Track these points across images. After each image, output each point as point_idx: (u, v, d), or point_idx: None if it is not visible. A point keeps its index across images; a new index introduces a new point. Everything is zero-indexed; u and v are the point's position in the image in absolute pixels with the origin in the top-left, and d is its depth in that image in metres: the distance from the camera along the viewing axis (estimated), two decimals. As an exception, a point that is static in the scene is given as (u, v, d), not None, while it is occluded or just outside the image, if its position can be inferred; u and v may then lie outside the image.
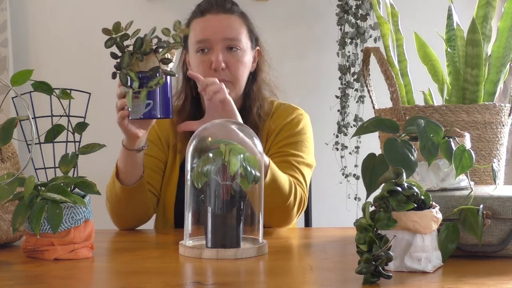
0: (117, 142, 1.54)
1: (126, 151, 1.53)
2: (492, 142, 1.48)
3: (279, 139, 1.73)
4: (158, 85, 1.32)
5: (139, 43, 1.30)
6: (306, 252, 1.42)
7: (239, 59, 1.69)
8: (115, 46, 1.31)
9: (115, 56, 1.32)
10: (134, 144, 1.52)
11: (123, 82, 1.32)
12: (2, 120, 1.34)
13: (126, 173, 1.58)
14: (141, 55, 1.30)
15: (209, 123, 1.35)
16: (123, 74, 1.31)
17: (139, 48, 1.30)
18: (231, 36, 1.69)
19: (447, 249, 1.17)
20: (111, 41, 1.31)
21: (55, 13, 2.72)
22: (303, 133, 1.76)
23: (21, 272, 1.16)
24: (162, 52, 1.32)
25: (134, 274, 1.14)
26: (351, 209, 2.67)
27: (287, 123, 1.76)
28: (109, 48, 1.30)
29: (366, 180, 1.19)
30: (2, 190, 1.20)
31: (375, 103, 1.64)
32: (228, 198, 1.26)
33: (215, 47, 1.67)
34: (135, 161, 1.56)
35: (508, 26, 1.51)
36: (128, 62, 1.30)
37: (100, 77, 2.69)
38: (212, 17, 1.70)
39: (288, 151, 1.70)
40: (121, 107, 1.43)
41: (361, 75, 2.59)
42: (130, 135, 1.49)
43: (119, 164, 1.58)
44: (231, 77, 1.68)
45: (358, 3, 2.60)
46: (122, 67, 1.31)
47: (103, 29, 1.30)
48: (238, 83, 1.70)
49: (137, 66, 1.32)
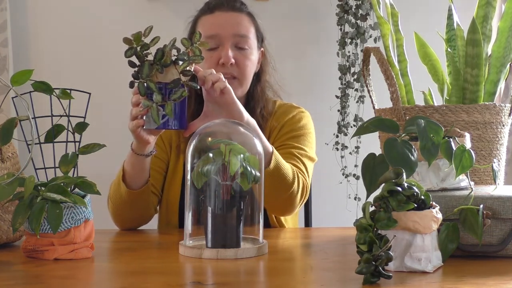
0: (117, 142, 1.54)
1: (134, 155, 1.53)
2: (492, 142, 1.48)
3: (282, 133, 1.74)
4: (181, 98, 1.31)
5: (159, 55, 1.29)
6: (306, 252, 1.42)
7: (248, 57, 1.70)
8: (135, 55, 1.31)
9: (133, 65, 1.31)
10: (144, 149, 1.52)
11: (142, 92, 1.30)
12: (2, 120, 1.34)
13: (133, 176, 1.57)
14: (161, 66, 1.29)
15: (211, 123, 1.35)
16: (141, 84, 1.30)
17: (160, 60, 1.29)
18: (241, 33, 1.69)
19: (447, 249, 1.17)
20: (131, 51, 1.29)
21: (55, 13, 2.72)
22: (305, 128, 1.77)
23: (21, 272, 1.15)
24: (182, 65, 1.31)
25: (134, 274, 1.14)
26: (351, 209, 2.67)
27: (289, 119, 1.77)
28: (129, 57, 1.30)
29: (366, 180, 1.19)
30: (2, 190, 1.20)
31: (375, 103, 1.64)
32: (228, 198, 1.26)
33: (225, 42, 1.67)
34: (143, 166, 1.56)
35: (508, 26, 1.51)
36: (148, 72, 1.29)
37: (100, 77, 2.70)
38: (221, 14, 1.71)
39: (290, 143, 1.71)
40: (135, 116, 1.41)
41: (361, 75, 2.59)
42: (141, 141, 1.48)
43: (126, 168, 1.57)
44: (238, 73, 1.68)
45: (358, 3, 2.60)
46: (142, 78, 1.30)
47: (124, 39, 1.29)
48: (245, 80, 1.70)
49: (155, 77, 1.31)
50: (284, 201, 1.60)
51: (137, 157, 1.53)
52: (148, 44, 1.30)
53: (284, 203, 1.61)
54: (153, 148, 1.54)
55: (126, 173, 1.58)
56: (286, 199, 1.60)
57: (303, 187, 1.62)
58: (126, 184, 1.58)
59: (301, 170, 1.65)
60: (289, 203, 1.61)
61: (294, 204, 1.62)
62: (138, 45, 1.30)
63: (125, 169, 1.58)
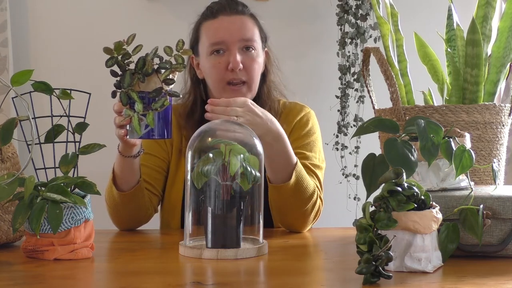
0: (117, 142, 1.54)
1: (122, 157, 1.53)
2: (492, 142, 1.48)
3: (292, 139, 1.72)
4: (163, 107, 1.29)
5: (141, 64, 1.28)
6: (306, 252, 1.42)
7: (255, 59, 1.69)
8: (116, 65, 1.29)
9: (115, 74, 1.30)
10: (131, 151, 1.51)
11: (124, 102, 1.29)
12: (2, 120, 1.34)
13: (123, 179, 1.57)
14: (142, 75, 1.28)
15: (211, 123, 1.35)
16: (123, 94, 1.29)
17: (141, 69, 1.28)
18: (246, 36, 1.68)
19: (447, 249, 1.17)
20: (112, 61, 1.28)
21: (55, 13, 2.72)
22: (313, 132, 1.77)
23: (21, 272, 1.16)
24: (164, 74, 1.30)
25: (134, 274, 1.14)
26: (351, 209, 2.67)
27: (297, 122, 1.76)
28: (110, 67, 1.28)
29: (366, 180, 1.19)
30: (2, 190, 1.20)
31: (375, 103, 1.64)
32: (228, 198, 1.26)
33: (232, 48, 1.66)
34: (132, 167, 1.55)
35: (508, 26, 1.51)
36: (129, 82, 1.28)
37: (100, 77, 2.68)
38: (225, 18, 1.69)
39: (303, 152, 1.70)
40: (119, 125, 1.40)
41: (361, 75, 2.59)
42: (127, 145, 1.49)
43: (116, 170, 1.57)
44: (247, 78, 1.68)
45: (358, 3, 2.60)
46: (123, 87, 1.29)
47: (105, 48, 1.28)
48: (253, 83, 1.70)
49: (137, 86, 1.29)
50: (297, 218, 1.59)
51: (125, 159, 1.53)
52: (130, 53, 1.29)
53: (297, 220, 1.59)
54: (140, 148, 1.54)
55: (116, 176, 1.57)
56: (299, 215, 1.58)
57: (318, 207, 1.62)
58: (117, 186, 1.58)
59: (317, 188, 1.64)
60: (302, 221, 1.60)
61: (306, 223, 1.61)
62: (119, 54, 1.28)
63: (115, 172, 1.57)
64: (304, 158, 1.68)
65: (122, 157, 1.52)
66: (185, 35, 1.80)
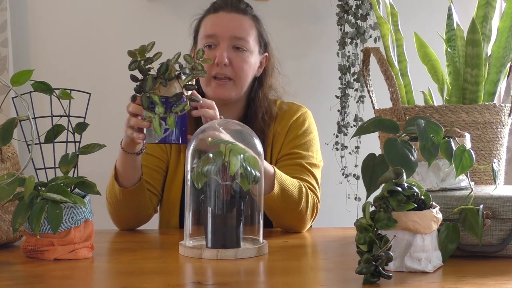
0: (117, 142, 1.54)
1: (125, 154, 1.53)
2: (492, 142, 1.48)
3: (288, 140, 1.73)
4: (183, 111, 1.32)
5: (164, 68, 1.31)
6: (306, 252, 1.42)
7: (244, 59, 1.69)
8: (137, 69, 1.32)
9: (135, 79, 1.32)
10: (135, 148, 1.52)
11: (145, 105, 1.32)
12: (2, 120, 1.34)
13: (125, 175, 1.58)
14: (165, 80, 1.31)
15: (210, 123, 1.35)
16: (145, 97, 1.32)
17: (164, 73, 1.31)
18: (238, 35, 1.69)
19: (447, 249, 1.17)
20: (135, 64, 1.31)
21: (55, 13, 2.72)
22: (310, 131, 1.77)
23: (21, 272, 1.16)
24: (186, 79, 1.33)
25: (134, 274, 1.14)
26: (351, 209, 2.67)
27: (293, 122, 1.76)
28: (133, 70, 1.31)
29: (366, 180, 1.19)
30: (2, 190, 1.20)
31: (375, 103, 1.64)
32: (228, 198, 1.26)
33: (221, 43, 1.68)
34: (135, 164, 1.56)
35: (508, 26, 1.51)
36: (151, 86, 1.31)
37: (100, 77, 2.70)
38: (224, 14, 1.72)
39: (298, 152, 1.70)
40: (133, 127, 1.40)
41: (361, 75, 2.59)
42: (132, 141, 1.49)
43: (118, 167, 1.58)
44: (233, 75, 1.68)
45: (358, 3, 2.60)
46: (145, 91, 1.31)
47: (129, 52, 1.31)
48: (239, 81, 1.70)
49: (158, 91, 1.32)
50: (294, 220, 1.60)
51: (128, 156, 1.53)
52: (151, 58, 1.32)
53: (294, 221, 1.60)
54: (143, 145, 1.54)
55: (118, 173, 1.58)
56: (295, 217, 1.59)
57: (313, 205, 1.62)
58: (119, 183, 1.58)
59: (312, 186, 1.65)
60: (299, 221, 1.60)
61: (305, 222, 1.61)
62: (142, 58, 1.31)
63: (117, 169, 1.58)
64: (300, 158, 1.69)
65: (125, 154, 1.53)
66: (185, 35, 1.80)
